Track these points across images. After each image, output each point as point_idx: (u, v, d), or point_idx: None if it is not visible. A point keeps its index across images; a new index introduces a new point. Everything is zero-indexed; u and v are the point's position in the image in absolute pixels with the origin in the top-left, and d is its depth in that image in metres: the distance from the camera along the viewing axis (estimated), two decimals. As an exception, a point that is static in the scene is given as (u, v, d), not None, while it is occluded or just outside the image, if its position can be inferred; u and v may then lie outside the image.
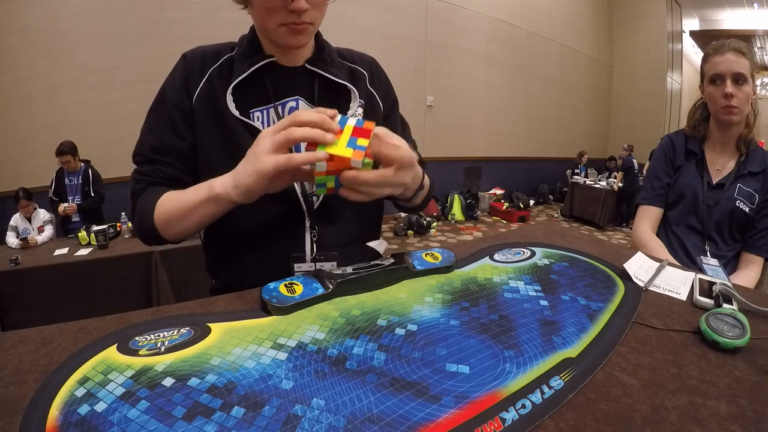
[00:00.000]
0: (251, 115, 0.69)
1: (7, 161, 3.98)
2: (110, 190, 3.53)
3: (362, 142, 0.51)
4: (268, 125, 0.70)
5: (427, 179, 0.77)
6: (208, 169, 0.69)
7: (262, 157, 0.51)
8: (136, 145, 0.71)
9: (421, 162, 0.89)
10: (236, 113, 0.67)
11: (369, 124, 0.52)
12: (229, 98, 0.68)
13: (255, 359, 0.43)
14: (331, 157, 0.50)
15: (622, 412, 0.37)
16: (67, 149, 3.26)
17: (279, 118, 0.70)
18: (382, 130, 0.55)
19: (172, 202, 0.64)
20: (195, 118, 0.69)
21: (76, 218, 3.36)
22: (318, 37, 0.76)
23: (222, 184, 0.57)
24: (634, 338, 0.50)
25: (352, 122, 0.53)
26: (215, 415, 0.35)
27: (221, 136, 0.68)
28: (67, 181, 3.37)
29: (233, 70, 0.69)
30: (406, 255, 0.68)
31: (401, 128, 0.88)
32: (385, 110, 0.83)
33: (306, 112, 0.52)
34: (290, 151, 0.55)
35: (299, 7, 0.60)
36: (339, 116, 0.54)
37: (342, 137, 0.51)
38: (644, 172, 5.77)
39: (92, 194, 3.40)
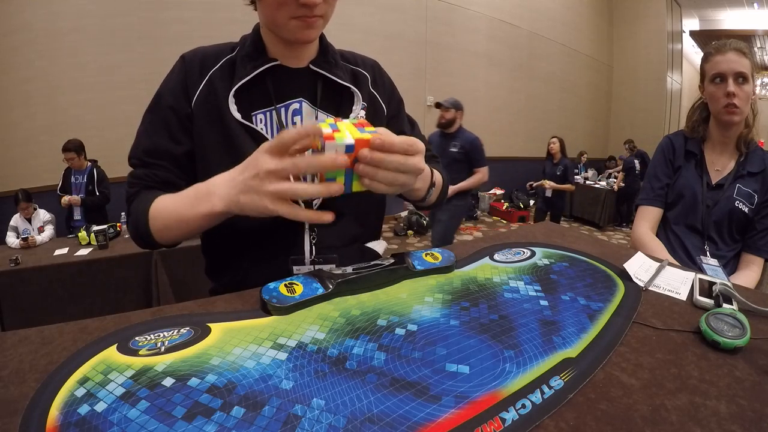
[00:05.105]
0: (254, 118, 0.68)
1: (7, 161, 3.98)
2: (111, 190, 3.54)
3: (368, 128, 0.51)
4: (271, 128, 0.69)
5: (437, 175, 0.76)
6: (207, 174, 0.68)
7: (269, 206, 0.51)
8: (131, 147, 0.70)
9: (434, 156, 0.90)
10: (238, 116, 0.66)
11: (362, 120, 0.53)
12: (231, 101, 0.66)
13: (255, 359, 0.43)
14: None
15: (622, 412, 0.37)
16: (72, 146, 3.32)
17: (281, 121, 0.69)
18: (381, 129, 0.55)
19: (168, 210, 0.62)
20: (193, 121, 0.68)
21: (78, 216, 3.39)
22: (322, 38, 0.75)
23: (224, 204, 0.55)
24: (634, 338, 0.50)
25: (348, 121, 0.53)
26: (215, 415, 0.35)
27: (222, 140, 0.67)
28: (73, 179, 3.44)
29: (235, 72, 0.68)
30: (406, 255, 0.68)
31: (410, 126, 0.88)
32: (391, 112, 0.82)
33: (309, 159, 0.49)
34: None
35: (311, 0, 0.59)
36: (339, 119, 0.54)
37: (350, 130, 0.50)
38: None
39: (96, 193, 3.44)
